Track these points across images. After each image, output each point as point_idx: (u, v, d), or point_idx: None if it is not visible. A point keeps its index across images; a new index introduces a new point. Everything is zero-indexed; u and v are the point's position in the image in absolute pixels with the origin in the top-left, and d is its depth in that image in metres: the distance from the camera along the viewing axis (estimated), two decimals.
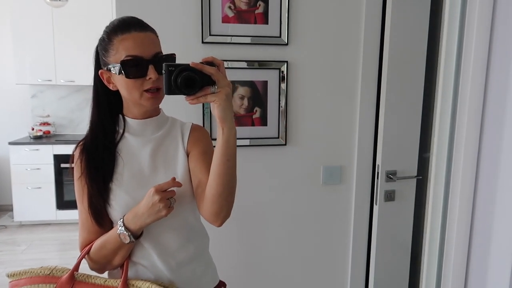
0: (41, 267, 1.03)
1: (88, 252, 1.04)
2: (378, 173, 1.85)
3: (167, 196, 0.95)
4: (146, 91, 0.98)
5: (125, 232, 0.97)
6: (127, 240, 0.98)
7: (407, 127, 1.83)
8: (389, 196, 1.86)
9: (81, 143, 1.08)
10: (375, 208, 1.89)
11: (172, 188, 0.98)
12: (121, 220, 0.99)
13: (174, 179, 0.99)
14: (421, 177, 1.90)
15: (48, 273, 1.02)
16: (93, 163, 1.03)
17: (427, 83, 1.83)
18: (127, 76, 0.96)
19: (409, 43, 1.77)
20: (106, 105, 1.06)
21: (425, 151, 1.93)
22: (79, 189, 1.04)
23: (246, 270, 1.94)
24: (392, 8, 1.73)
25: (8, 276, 1.04)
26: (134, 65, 0.95)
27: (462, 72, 0.65)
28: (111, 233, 1.01)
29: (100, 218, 1.03)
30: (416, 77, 1.81)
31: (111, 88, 1.03)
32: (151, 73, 0.96)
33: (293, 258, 1.97)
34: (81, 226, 1.07)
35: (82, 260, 1.05)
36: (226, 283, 1.26)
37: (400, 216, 1.90)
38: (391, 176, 1.83)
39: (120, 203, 1.02)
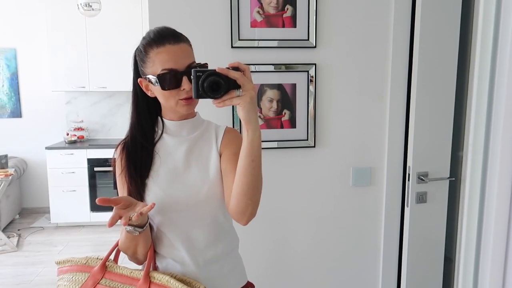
0: (86, 256, 1.11)
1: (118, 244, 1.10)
2: (409, 174, 1.82)
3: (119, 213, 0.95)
4: (181, 99, 1.04)
5: (129, 228, 1.01)
6: (136, 233, 1.02)
7: (439, 127, 1.80)
8: (421, 198, 1.83)
9: (122, 141, 1.14)
10: (406, 210, 1.86)
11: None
12: None
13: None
14: (454, 178, 1.86)
15: (84, 262, 1.09)
16: (132, 162, 1.09)
17: (459, 81, 1.80)
18: (163, 88, 1.02)
19: (440, 42, 1.75)
20: (145, 109, 1.13)
21: (458, 150, 1.89)
22: (120, 184, 1.11)
23: (275, 272, 1.95)
24: (422, 7, 1.71)
25: (56, 263, 1.14)
26: (169, 77, 1.01)
27: (498, 67, 0.65)
28: None
29: None
30: (448, 76, 1.77)
31: (149, 95, 1.09)
32: (185, 84, 1.01)
33: (323, 261, 1.97)
34: None
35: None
36: (255, 284, 1.27)
37: (432, 218, 1.87)
38: (422, 177, 1.80)
39: (154, 198, 1.07)
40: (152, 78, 1.03)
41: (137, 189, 1.07)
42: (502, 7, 0.65)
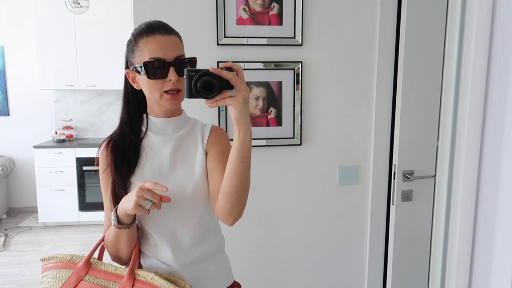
0: (71, 254, 1.10)
1: (103, 240, 1.10)
2: (394, 172, 1.83)
3: (146, 195, 0.93)
4: (166, 92, 1.03)
5: (112, 215, 1.01)
6: (114, 223, 1.01)
7: (424, 125, 1.81)
8: (406, 196, 1.84)
9: (107, 138, 1.13)
10: (392, 208, 1.87)
11: (164, 194, 0.95)
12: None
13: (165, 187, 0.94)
14: None
15: (69, 259, 1.09)
16: (120, 156, 1.08)
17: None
18: (149, 77, 1.01)
19: (426, 40, 1.76)
20: (135, 104, 1.12)
21: None
22: (103, 181, 1.10)
23: (262, 271, 1.95)
24: (408, 6, 1.72)
25: (41, 260, 1.13)
26: (156, 66, 1.01)
27: (463, 64, 0.65)
28: None
29: None
30: (433, 74, 1.79)
31: (135, 87, 1.09)
32: (172, 75, 1.01)
33: (309, 260, 1.97)
34: (105, 216, 1.13)
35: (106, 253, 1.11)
36: (242, 284, 1.26)
37: (418, 216, 1.88)
38: (408, 175, 1.81)
39: None
40: (139, 66, 1.02)
41: (123, 183, 1.06)
42: (467, 6, 0.66)
